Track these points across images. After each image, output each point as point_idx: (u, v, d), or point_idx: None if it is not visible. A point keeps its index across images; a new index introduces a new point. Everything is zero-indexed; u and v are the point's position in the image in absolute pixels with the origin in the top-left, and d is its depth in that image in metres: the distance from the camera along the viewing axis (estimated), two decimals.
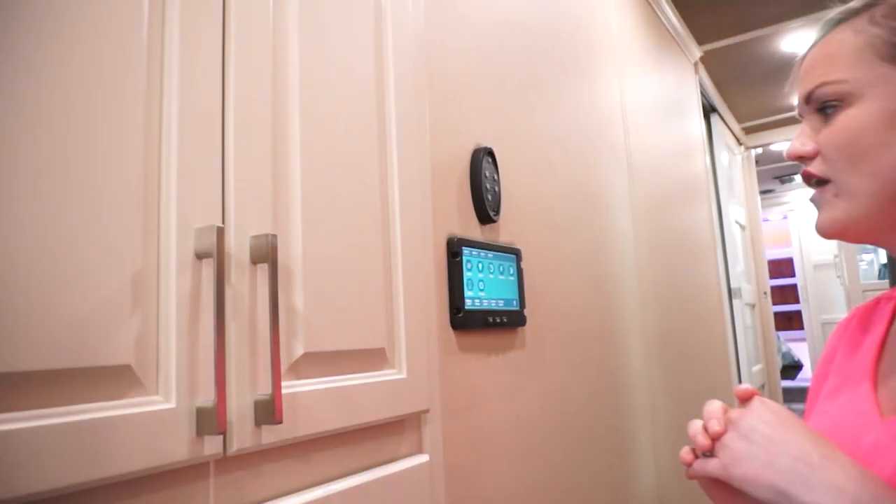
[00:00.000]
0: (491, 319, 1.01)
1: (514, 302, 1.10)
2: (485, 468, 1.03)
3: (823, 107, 0.54)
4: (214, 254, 0.53)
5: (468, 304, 0.97)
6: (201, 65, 0.56)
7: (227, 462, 0.56)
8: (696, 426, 0.51)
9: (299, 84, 0.67)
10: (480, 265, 1.00)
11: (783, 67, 0.63)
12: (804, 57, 0.58)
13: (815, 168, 0.54)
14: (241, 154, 0.59)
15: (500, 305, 1.05)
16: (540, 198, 1.32)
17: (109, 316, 0.47)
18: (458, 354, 0.98)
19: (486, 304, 1.01)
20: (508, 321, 1.06)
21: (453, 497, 0.92)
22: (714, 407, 0.51)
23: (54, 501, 0.43)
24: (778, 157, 4.79)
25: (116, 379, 0.48)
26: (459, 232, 1.00)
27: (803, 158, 0.55)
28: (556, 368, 1.30)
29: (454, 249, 0.96)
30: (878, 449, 0.47)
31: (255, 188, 0.60)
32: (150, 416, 0.49)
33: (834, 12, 0.56)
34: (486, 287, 1.01)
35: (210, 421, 0.52)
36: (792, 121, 3.93)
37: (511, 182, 1.18)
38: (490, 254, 1.03)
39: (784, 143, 4.11)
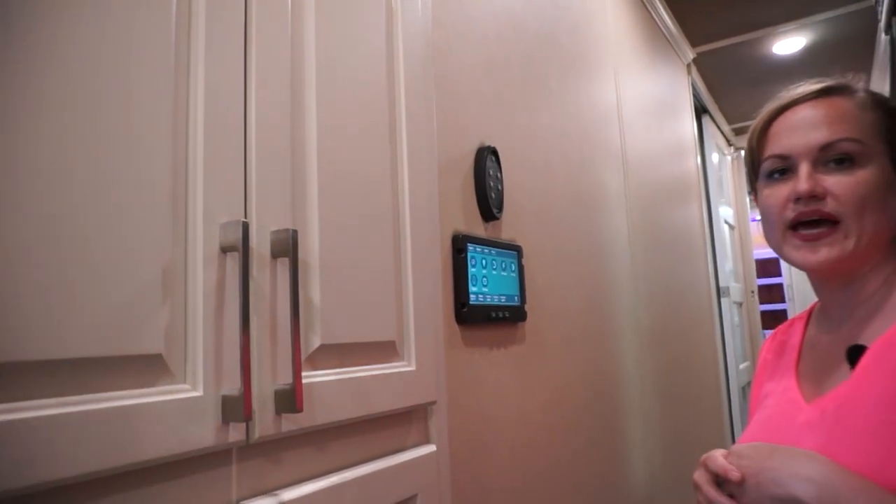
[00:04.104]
0: (494, 314, 1.03)
1: (516, 297, 1.12)
2: (487, 459, 1.05)
3: (841, 158, 0.64)
4: (240, 248, 0.55)
5: (472, 299, 0.99)
6: (225, 68, 0.58)
7: (249, 449, 0.58)
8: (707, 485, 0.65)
9: (315, 85, 0.69)
10: (484, 261, 1.03)
11: (773, 70, 0.70)
12: (793, 105, 0.69)
13: (830, 208, 0.64)
14: (261, 152, 0.61)
15: (503, 301, 1.07)
16: (540, 196, 1.34)
17: (142, 307, 0.49)
18: (463, 348, 1.00)
19: (489, 299, 1.03)
20: (510, 316, 1.09)
21: (457, 486, 0.95)
22: (720, 462, 0.63)
23: (89, 485, 0.45)
24: None
25: (148, 367, 0.50)
26: (464, 229, 1.02)
27: (815, 197, 0.64)
28: (555, 363, 1.33)
29: (459, 246, 0.98)
30: (809, 424, 0.63)
31: (274, 185, 0.62)
32: (179, 404, 0.51)
33: (824, 82, 0.69)
34: (489, 283, 1.04)
35: (236, 408, 0.54)
36: None
37: (513, 180, 1.21)
38: (493, 250, 1.06)
39: None
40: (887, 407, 0.57)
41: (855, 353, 0.63)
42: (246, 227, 0.55)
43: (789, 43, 3.04)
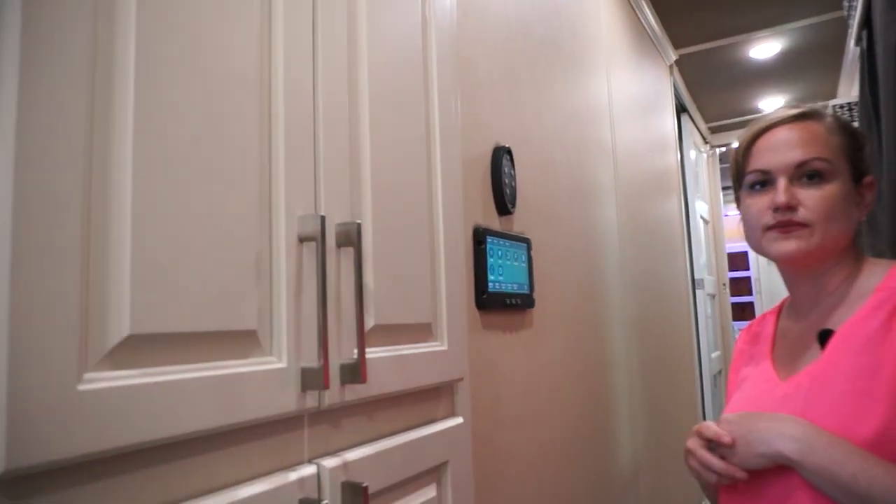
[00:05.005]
0: (508, 301, 1.12)
1: (526, 286, 1.21)
2: (499, 431, 1.15)
3: (812, 174, 0.76)
4: (318, 238, 0.63)
5: (491, 286, 1.08)
6: (298, 88, 0.65)
7: (318, 416, 0.66)
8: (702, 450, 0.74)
9: (369, 96, 0.77)
10: (500, 252, 1.12)
11: (749, 73, 0.81)
12: (773, 127, 0.80)
13: (801, 217, 0.75)
14: (327, 154, 0.69)
15: (515, 289, 1.16)
16: (545, 192, 1.43)
17: (241, 289, 0.56)
18: (482, 331, 1.09)
19: (504, 287, 1.12)
20: (521, 303, 1.18)
21: (475, 454, 1.04)
22: (714, 429, 0.74)
23: (189, 443, 0.51)
24: None
25: (244, 341, 0.57)
26: (483, 222, 1.11)
27: (791, 208, 0.75)
28: (557, 348, 1.43)
29: (479, 238, 1.06)
30: (786, 396, 0.74)
31: (337, 182, 0.70)
32: (268, 374, 0.58)
33: (799, 108, 0.80)
34: (504, 272, 1.13)
35: (315, 379, 0.61)
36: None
37: (523, 177, 1.30)
38: (507, 242, 1.15)
39: None
40: (852, 378, 0.69)
41: (824, 336, 0.75)
42: (323, 221, 0.63)
43: (765, 48, 3.18)
